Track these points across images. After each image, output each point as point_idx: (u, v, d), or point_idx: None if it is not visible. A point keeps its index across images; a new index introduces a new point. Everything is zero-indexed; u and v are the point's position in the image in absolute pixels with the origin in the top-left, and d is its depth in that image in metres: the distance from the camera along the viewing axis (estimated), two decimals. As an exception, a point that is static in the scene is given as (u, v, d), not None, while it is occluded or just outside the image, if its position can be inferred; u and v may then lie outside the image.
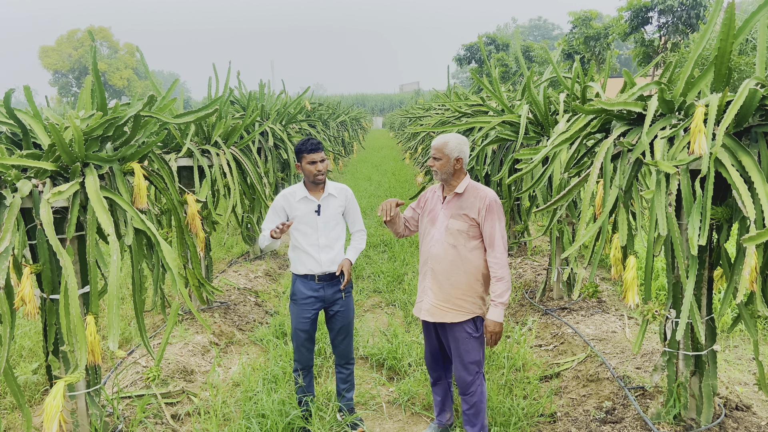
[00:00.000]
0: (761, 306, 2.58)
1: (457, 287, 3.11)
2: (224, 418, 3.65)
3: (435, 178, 3.19)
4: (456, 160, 3.10)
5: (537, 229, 8.42)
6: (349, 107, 25.62)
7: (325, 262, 3.44)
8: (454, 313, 3.14)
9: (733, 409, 3.29)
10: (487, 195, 3.09)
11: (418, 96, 56.54)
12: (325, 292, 3.47)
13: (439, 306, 3.17)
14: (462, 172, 3.15)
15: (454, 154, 3.09)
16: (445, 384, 3.47)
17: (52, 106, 25.71)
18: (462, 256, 3.09)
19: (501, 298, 3.05)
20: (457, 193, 3.13)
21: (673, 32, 26.81)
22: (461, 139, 3.14)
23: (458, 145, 3.10)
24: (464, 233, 3.09)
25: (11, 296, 2.66)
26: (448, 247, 3.12)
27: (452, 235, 3.11)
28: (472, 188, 3.13)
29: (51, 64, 62.18)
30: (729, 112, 2.48)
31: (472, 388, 3.21)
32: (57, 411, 2.50)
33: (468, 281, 3.10)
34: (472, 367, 3.19)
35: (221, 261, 7.43)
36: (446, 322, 3.17)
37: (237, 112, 7.63)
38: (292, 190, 3.48)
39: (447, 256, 3.12)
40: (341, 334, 3.59)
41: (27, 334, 4.82)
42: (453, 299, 3.13)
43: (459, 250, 3.10)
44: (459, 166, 3.11)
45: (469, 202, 3.09)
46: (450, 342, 3.24)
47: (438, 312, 3.17)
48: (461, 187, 3.12)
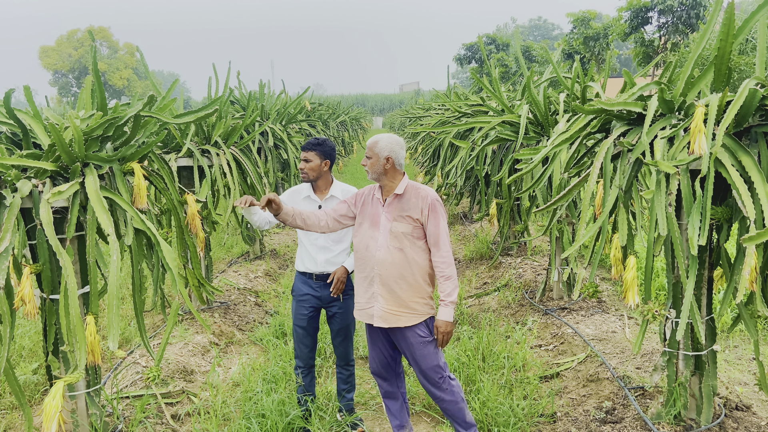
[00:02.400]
0: (761, 306, 2.58)
1: (408, 290, 3.04)
2: (224, 418, 3.65)
3: (368, 177, 3.16)
4: (386, 159, 3.04)
5: (537, 229, 8.42)
6: (349, 107, 25.60)
7: (321, 262, 3.45)
8: (407, 316, 3.05)
9: (733, 409, 3.29)
10: (428, 194, 3.04)
11: (418, 96, 56.54)
12: (321, 292, 3.48)
13: (391, 311, 3.06)
14: (396, 173, 3.09)
15: (384, 153, 3.04)
16: (398, 393, 3.34)
17: (52, 106, 25.71)
18: (409, 258, 3.03)
19: (450, 297, 3.00)
20: (396, 194, 3.07)
21: (673, 32, 26.81)
22: (394, 139, 3.09)
23: (389, 144, 3.05)
24: (409, 235, 3.03)
25: (11, 296, 2.66)
26: (394, 250, 3.03)
27: (397, 238, 3.04)
28: (412, 188, 3.07)
29: (51, 64, 62.18)
30: (729, 112, 2.48)
31: (440, 394, 3.11)
32: (56, 411, 2.50)
33: (417, 282, 3.05)
34: (433, 373, 3.09)
35: (221, 261, 7.43)
36: (400, 326, 3.06)
37: (237, 112, 7.63)
38: (300, 187, 3.55)
39: (394, 260, 3.03)
40: (339, 335, 3.60)
41: (27, 334, 4.82)
42: (407, 302, 3.05)
43: (405, 252, 3.03)
44: (389, 165, 3.05)
45: (411, 203, 3.04)
46: (405, 350, 3.13)
47: (392, 317, 3.06)
48: (400, 188, 3.06)
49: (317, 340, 3.67)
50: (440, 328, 3.01)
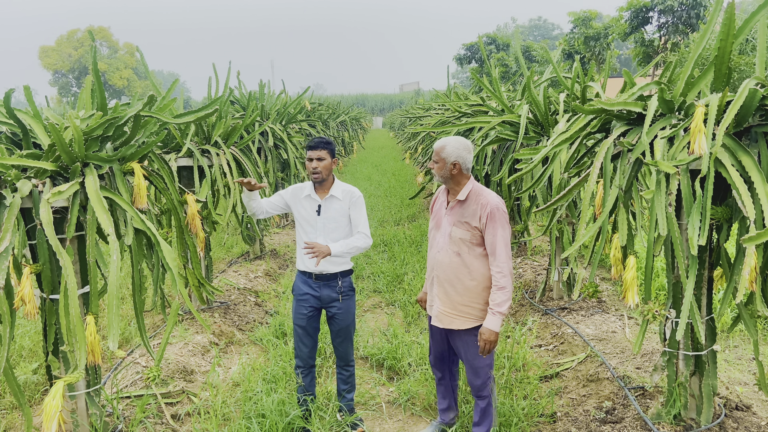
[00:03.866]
0: (761, 306, 2.58)
1: (463, 295, 3.08)
2: (224, 418, 3.65)
3: (434, 180, 3.18)
4: (453, 164, 3.01)
5: (537, 229, 8.42)
6: (349, 107, 25.61)
7: (322, 261, 3.41)
8: (461, 320, 3.12)
9: (733, 409, 3.29)
10: (488, 202, 2.99)
11: (418, 96, 56.55)
12: (321, 292, 3.47)
13: (446, 313, 3.15)
14: (463, 177, 3.07)
15: (451, 158, 3.01)
16: (449, 383, 3.47)
17: (52, 106, 25.71)
18: (466, 263, 3.04)
19: (500, 307, 2.98)
20: (459, 200, 3.07)
21: (673, 32, 26.82)
22: (461, 143, 3.03)
23: (456, 150, 3.01)
24: (467, 241, 3.03)
25: (11, 296, 2.66)
26: (452, 254, 3.07)
27: (455, 243, 3.06)
28: (474, 195, 3.05)
29: (51, 64, 62.19)
30: (729, 112, 2.48)
31: (483, 392, 3.23)
32: (56, 411, 2.50)
33: (474, 288, 3.06)
34: (482, 372, 3.18)
35: (221, 261, 7.42)
36: (454, 328, 3.15)
37: (237, 112, 7.63)
38: (302, 185, 3.53)
39: (451, 264, 3.07)
40: (339, 336, 3.59)
41: (27, 334, 4.82)
42: (459, 306, 3.10)
43: (463, 257, 3.05)
44: (456, 171, 3.02)
45: (470, 210, 3.02)
46: (459, 347, 3.22)
47: (446, 318, 3.16)
48: (463, 194, 3.05)
49: (317, 340, 3.66)
50: (483, 335, 3.00)
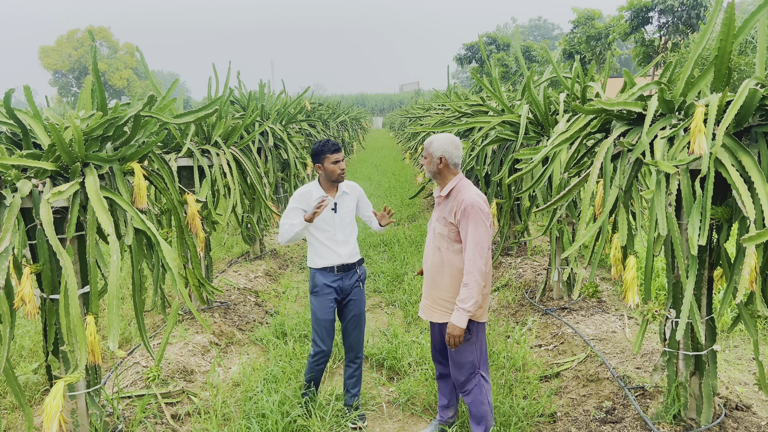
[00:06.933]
0: (761, 306, 2.58)
1: (441, 288, 3.13)
2: (224, 418, 3.65)
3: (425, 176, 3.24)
4: (439, 159, 3.07)
5: (537, 229, 8.42)
6: (349, 107, 25.61)
7: (345, 254, 3.58)
8: (439, 313, 3.17)
9: (733, 409, 3.29)
10: (464, 199, 2.99)
11: (418, 96, 56.53)
12: (342, 282, 3.59)
13: (428, 305, 3.24)
14: (449, 173, 3.11)
15: (437, 153, 3.07)
16: (449, 379, 3.48)
17: (52, 106, 25.70)
18: (445, 258, 3.10)
19: (464, 303, 2.95)
20: (442, 195, 3.13)
21: (673, 32, 26.81)
22: (448, 139, 3.09)
23: (442, 145, 3.07)
24: (445, 237, 3.09)
25: (11, 296, 2.66)
26: (434, 249, 3.16)
27: (437, 238, 3.14)
28: (456, 191, 3.09)
29: (51, 64, 62.18)
30: (729, 112, 2.48)
31: (467, 387, 3.22)
32: (57, 411, 2.50)
33: (452, 283, 3.09)
34: (464, 368, 3.18)
35: (221, 261, 7.43)
36: (433, 321, 3.23)
37: (237, 112, 7.62)
38: (307, 189, 3.58)
39: (434, 257, 3.16)
40: (353, 323, 3.67)
41: (27, 334, 4.82)
42: (438, 300, 3.16)
43: (442, 252, 3.11)
44: (442, 165, 3.08)
45: (449, 206, 3.08)
46: (444, 341, 3.26)
47: (427, 310, 3.25)
48: (446, 190, 3.11)
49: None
50: (448, 329, 3.05)
